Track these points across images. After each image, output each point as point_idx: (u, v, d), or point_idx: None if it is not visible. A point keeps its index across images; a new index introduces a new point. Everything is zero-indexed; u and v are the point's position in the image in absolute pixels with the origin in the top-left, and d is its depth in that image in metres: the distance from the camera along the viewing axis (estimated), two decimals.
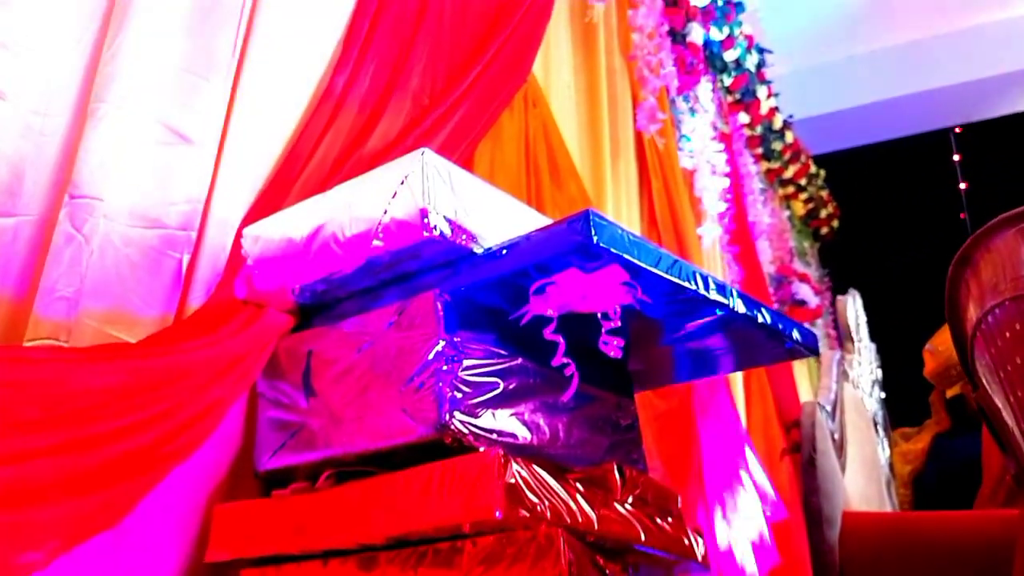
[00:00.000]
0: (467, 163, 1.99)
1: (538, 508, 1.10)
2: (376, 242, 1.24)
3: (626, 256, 1.17)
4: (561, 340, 1.22)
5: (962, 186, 6.43)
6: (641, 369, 1.77)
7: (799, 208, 6.13)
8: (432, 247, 1.22)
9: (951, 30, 5.68)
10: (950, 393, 3.18)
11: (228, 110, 1.37)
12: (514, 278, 1.23)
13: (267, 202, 1.45)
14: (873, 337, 3.65)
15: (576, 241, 1.13)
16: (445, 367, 1.19)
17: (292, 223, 1.35)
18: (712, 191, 3.83)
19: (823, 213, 6.43)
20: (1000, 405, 1.29)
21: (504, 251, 1.21)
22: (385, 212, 1.23)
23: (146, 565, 1.19)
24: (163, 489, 1.17)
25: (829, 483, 1.75)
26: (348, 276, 1.30)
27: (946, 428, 3.12)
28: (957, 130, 6.46)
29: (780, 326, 1.58)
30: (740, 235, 4.28)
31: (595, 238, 1.12)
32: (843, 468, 1.94)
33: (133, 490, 1.06)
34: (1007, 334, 1.17)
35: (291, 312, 1.40)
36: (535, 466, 1.14)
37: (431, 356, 1.20)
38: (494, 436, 1.21)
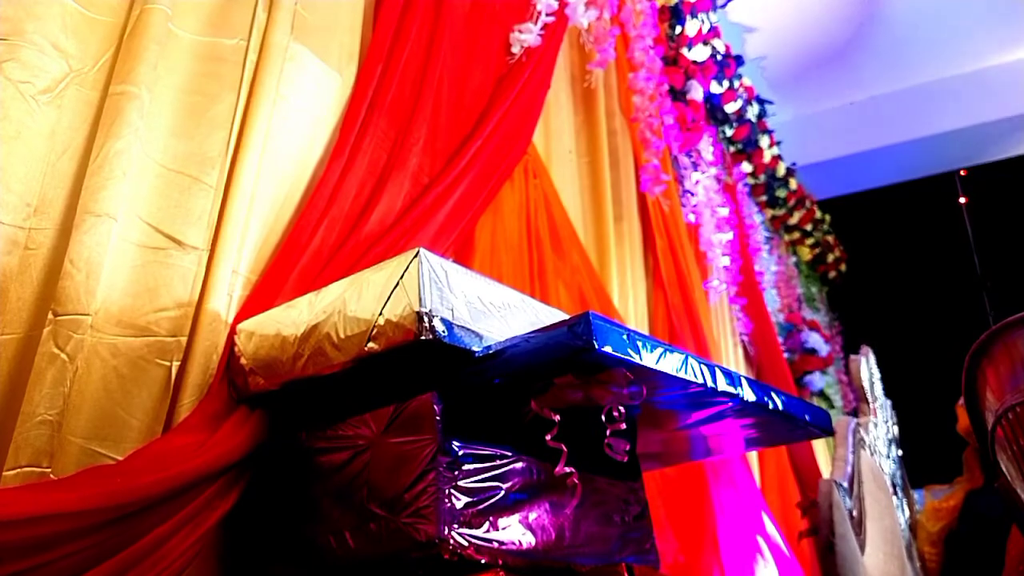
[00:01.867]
0: (468, 238, 1.97)
1: None
2: (371, 344, 1.20)
3: (630, 359, 1.13)
4: (564, 448, 1.17)
5: (968, 229, 6.39)
6: (651, 452, 1.72)
7: (806, 254, 6.09)
8: (428, 348, 1.19)
9: (954, 74, 5.69)
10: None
11: (221, 207, 1.35)
12: (514, 378, 1.19)
13: (262, 296, 1.42)
14: (887, 383, 3.57)
15: (576, 344, 1.09)
16: (443, 477, 1.15)
17: (285, 321, 1.31)
18: (717, 245, 3.80)
19: (830, 257, 6.39)
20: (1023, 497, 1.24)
21: (503, 352, 1.17)
22: (380, 314, 1.19)
23: None
24: None
25: (849, 570, 1.68)
26: (342, 375, 1.26)
27: (979, 485, 3.02)
28: (962, 173, 6.44)
29: (792, 411, 1.54)
30: (747, 287, 4.25)
31: (596, 342, 1.08)
32: (863, 547, 1.87)
33: None
34: None
35: (285, 408, 1.36)
36: None
37: (428, 465, 1.15)
38: (495, 546, 1.16)
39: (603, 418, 1.21)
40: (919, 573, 2.77)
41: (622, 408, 1.20)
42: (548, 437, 1.18)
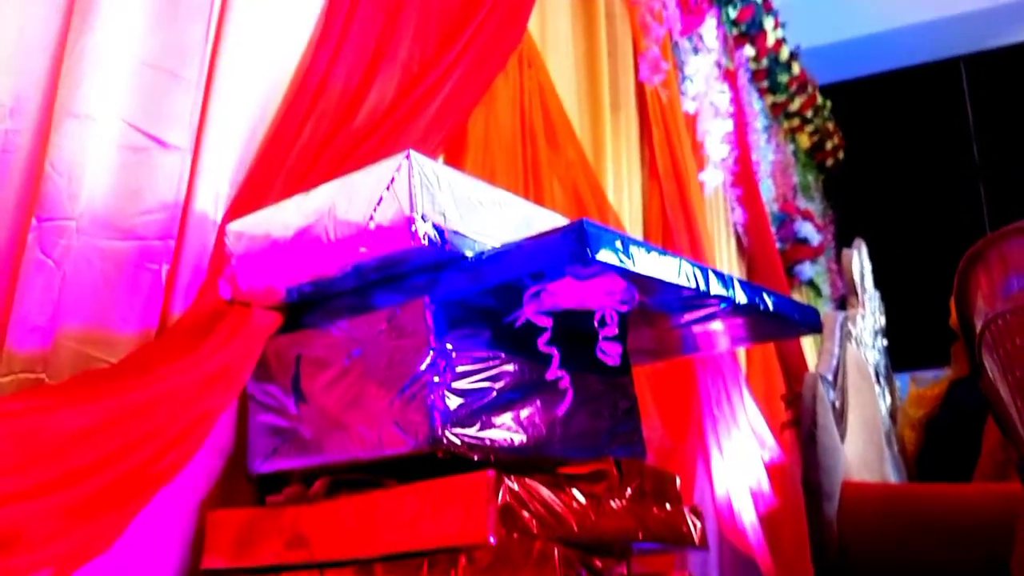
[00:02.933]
0: (460, 131, 1.92)
1: (533, 525, 1.09)
2: (362, 248, 1.19)
3: (624, 266, 1.12)
4: (556, 352, 1.18)
5: (970, 117, 6.28)
6: (642, 348, 1.74)
7: (804, 141, 5.99)
8: (420, 254, 1.18)
9: None
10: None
11: (204, 103, 1.30)
12: (507, 283, 1.19)
13: (251, 194, 1.39)
14: (878, 271, 3.60)
15: (570, 252, 1.08)
16: (436, 378, 1.16)
17: (276, 222, 1.29)
18: (715, 134, 3.73)
19: (828, 145, 6.29)
20: (1005, 401, 1.27)
21: (495, 259, 1.16)
22: (371, 219, 1.18)
23: (141, 572, 1.19)
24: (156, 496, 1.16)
25: (829, 458, 1.75)
26: (336, 279, 1.26)
27: (964, 374, 3.10)
28: (966, 59, 6.26)
29: (783, 311, 1.55)
30: (744, 177, 4.20)
31: (589, 251, 1.07)
32: (843, 436, 1.93)
33: (123, 515, 1.05)
34: (1017, 341, 1.14)
35: (278, 309, 1.36)
36: (528, 480, 1.12)
37: (422, 368, 1.17)
38: (488, 443, 1.19)
39: (595, 323, 1.21)
40: (897, 458, 2.88)
41: (614, 313, 1.21)
42: (541, 342, 1.19)
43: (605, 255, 1.09)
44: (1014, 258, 1.12)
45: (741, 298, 1.41)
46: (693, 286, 1.28)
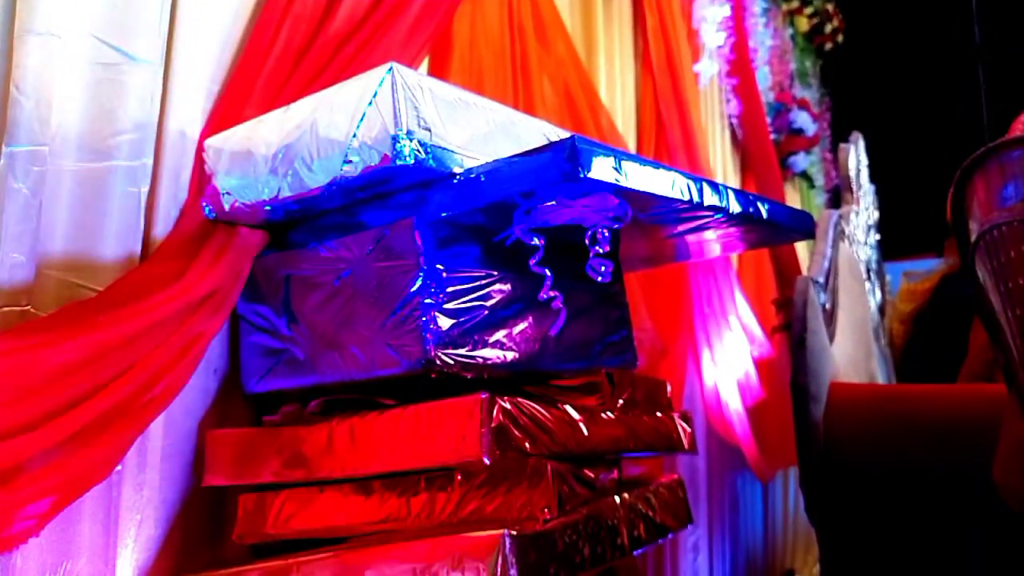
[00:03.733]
0: (445, 32, 1.84)
1: (526, 443, 1.10)
2: (346, 166, 1.15)
3: (617, 183, 1.09)
4: (548, 274, 1.17)
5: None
6: (635, 255, 1.73)
7: (803, 24, 5.79)
8: (406, 172, 1.14)
9: None
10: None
11: (172, 11, 1.23)
12: (497, 201, 1.16)
13: (228, 107, 1.34)
14: (874, 158, 3.55)
15: (561, 171, 1.05)
16: (427, 300, 1.15)
17: (256, 139, 1.25)
18: (711, 21, 3.59)
19: (828, 28, 6.08)
20: (996, 310, 1.27)
21: (483, 177, 1.13)
22: (354, 136, 1.13)
23: (144, 492, 1.21)
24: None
25: (817, 361, 1.77)
26: (320, 197, 1.23)
27: (956, 269, 3.11)
28: None
29: (777, 218, 1.53)
30: (740, 65, 4.07)
31: (581, 169, 1.04)
32: (832, 337, 1.95)
33: (121, 442, 1.06)
34: (1011, 253, 1.13)
35: (264, 227, 1.33)
36: (521, 399, 1.14)
37: (412, 289, 1.16)
38: (480, 362, 1.20)
39: (587, 241, 1.19)
40: (884, 351, 2.93)
41: (606, 231, 1.19)
42: (532, 262, 1.17)
43: (597, 172, 1.06)
44: (1012, 169, 1.09)
45: (735, 208, 1.39)
46: (687, 199, 1.25)
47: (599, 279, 1.20)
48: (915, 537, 1.65)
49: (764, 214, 1.47)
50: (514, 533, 1.03)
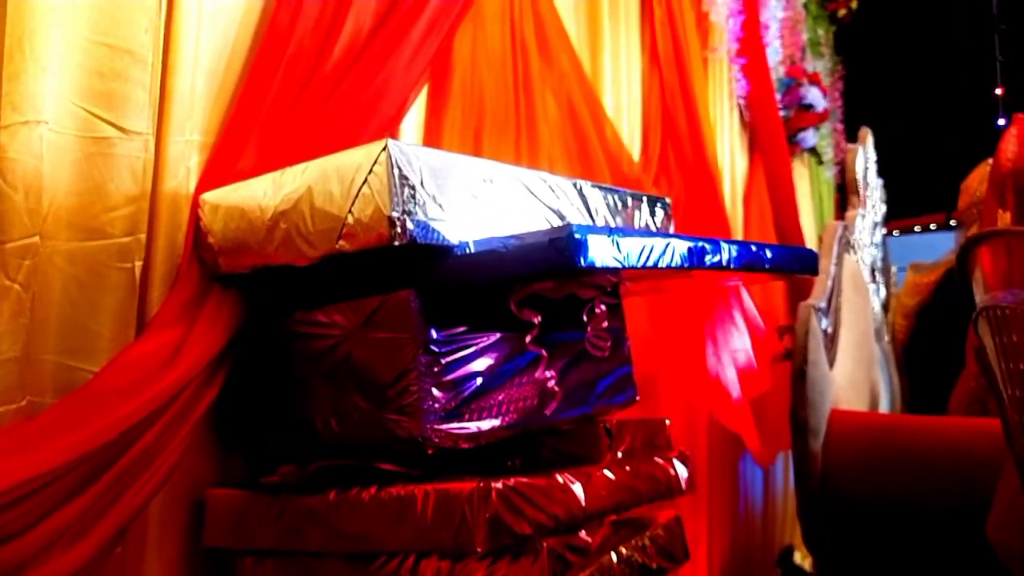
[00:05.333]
0: (445, 54, 1.79)
1: (520, 529, 1.11)
2: (341, 242, 1.14)
3: (615, 265, 1.08)
4: (544, 353, 1.16)
5: None
6: (634, 290, 1.72)
7: None
8: (401, 249, 1.12)
9: None
10: (969, 232, 3.12)
11: (163, 71, 1.20)
12: (492, 280, 1.15)
13: (223, 158, 1.31)
14: (884, 118, 3.49)
15: (557, 263, 1.04)
16: (423, 375, 1.15)
17: (252, 201, 1.23)
18: (722, 4, 3.50)
19: None
20: (997, 379, 1.27)
21: (480, 256, 1.11)
22: (349, 212, 1.12)
23: (147, 553, 1.22)
24: None
25: (817, 393, 1.77)
26: (316, 265, 1.21)
27: None
28: None
29: (781, 264, 1.52)
30: (749, 43, 3.98)
31: (578, 260, 1.02)
32: (833, 361, 1.95)
33: (120, 526, 1.07)
34: (1014, 337, 1.12)
35: (260, 282, 1.32)
36: (516, 479, 1.14)
37: (408, 365, 1.15)
38: (477, 431, 1.20)
39: (584, 318, 1.18)
40: (886, 348, 2.92)
41: (603, 307, 1.17)
42: (528, 340, 1.17)
43: (594, 259, 1.05)
44: (1019, 256, 1.08)
45: (737, 262, 1.37)
46: (688, 265, 1.24)
47: (598, 355, 1.20)
48: (910, 569, 1.67)
49: (767, 264, 1.46)
50: None
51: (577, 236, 1.02)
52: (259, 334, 1.31)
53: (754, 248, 1.45)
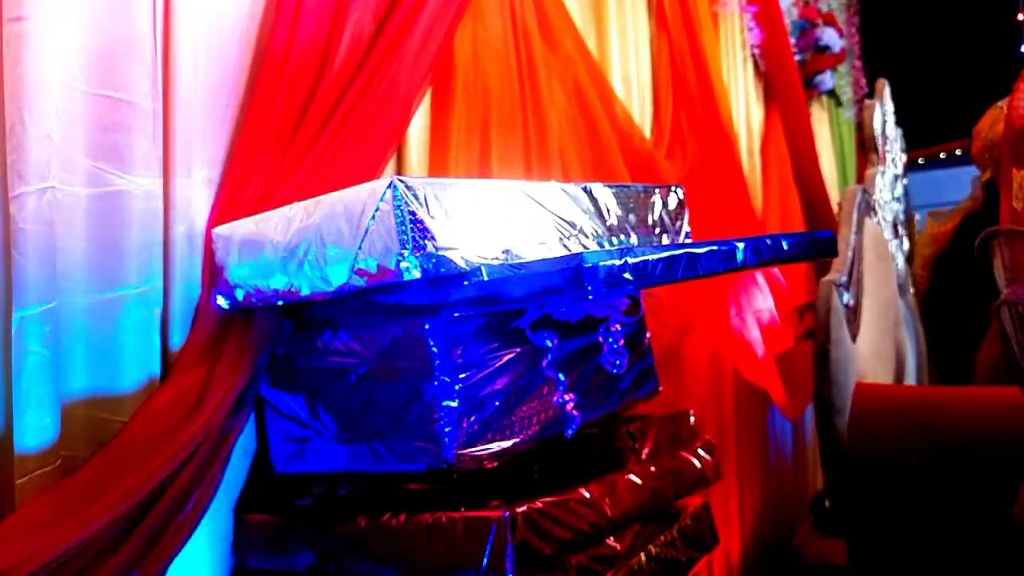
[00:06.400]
0: (447, 53, 1.77)
1: (547, 550, 1.14)
2: (354, 276, 1.15)
3: (627, 286, 1.08)
4: (560, 377, 1.17)
5: None
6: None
7: None
8: (414, 282, 1.13)
9: None
10: (984, 177, 3.06)
11: (165, 114, 1.20)
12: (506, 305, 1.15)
13: (231, 192, 1.32)
14: (903, 58, 3.40)
15: (568, 291, 1.03)
16: (444, 402, 1.16)
17: (263, 234, 1.24)
18: None
19: None
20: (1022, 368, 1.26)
21: (491, 284, 1.12)
22: (359, 249, 1.12)
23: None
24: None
25: (841, 371, 1.76)
26: (331, 298, 1.22)
27: (978, 207, 3.02)
28: None
29: (798, 251, 1.50)
30: None
31: (589, 289, 1.02)
32: (856, 334, 1.94)
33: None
34: None
35: (279, 309, 1.34)
36: (540, 502, 1.16)
37: (429, 393, 1.17)
38: (498, 449, 1.21)
39: (600, 338, 1.19)
40: (911, 304, 2.89)
41: (619, 325, 1.18)
42: (545, 364, 1.17)
43: (606, 284, 1.04)
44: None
45: (752, 260, 1.36)
46: (703, 273, 1.23)
47: (615, 371, 1.20)
48: (938, 542, 1.69)
49: (784, 255, 1.44)
50: None
51: (585, 265, 1.02)
52: (281, 361, 1.33)
53: (769, 241, 1.43)
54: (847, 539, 1.80)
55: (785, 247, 1.45)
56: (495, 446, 1.21)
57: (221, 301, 1.29)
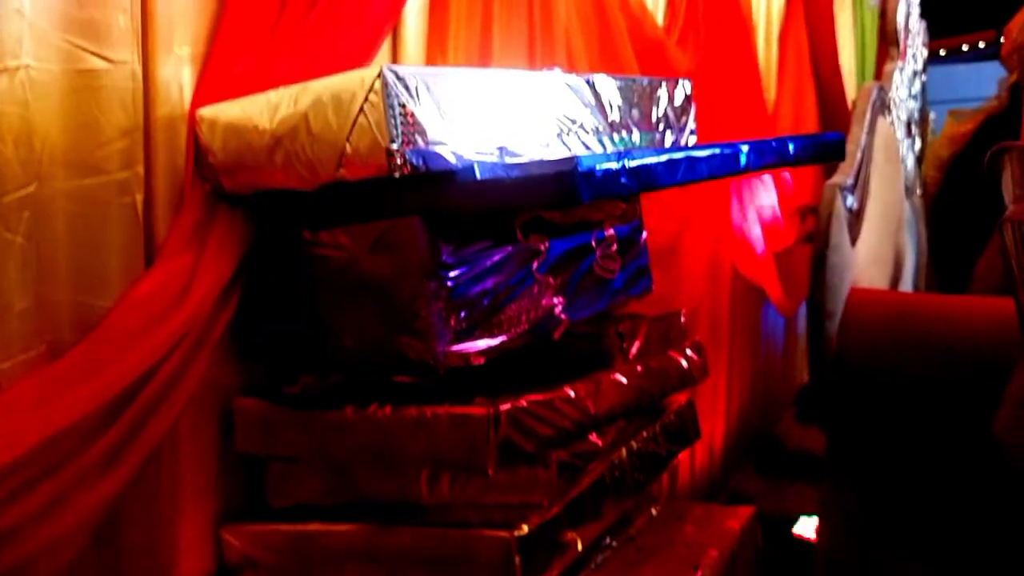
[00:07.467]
0: None
1: (530, 447, 1.16)
2: (341, 171, 1.11)
3: (623, 190, 1.05)
4: (552, 281, 1.15)
5: None
6: None
7: None
8: (404, 177, 1.09)
9: None
10: (1011, 80, 2.93)
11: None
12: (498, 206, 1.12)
13: (216, 68, 1.26)
14: None
15: (563, 196, 1.00)
16: (432, 300, 1.16)
17: (249, 123, 1.19)
18: None
19: None
20: (1018, 283, 1.24)
21: (484, 184, 1.08)
22: (347, 141, 1.08)
23: (181, 456, 1.30)
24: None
25: (836, 277, 1.75)
26: (319, 191, 1.19)
27: (1001, 109, 2.92)
28: None
29: (805, 154, 1.46)
30: None
31: (583, 196, 0.99)
32: (856, 238, 1.91)
33: (148, 453, 1.13)
34: None
35: (266, 199, 1.31)
36: (525, 399, 1.17)
37: (417, 291, 1.15)
38: (486, 347, 1.21)
39: (593, 242, 1.16)
40: (916, 205, 2.85)
41: (612, 230, 1.15)
42: (535, 267, 1.15)
43: (603, 190, 1.01)
44: None
45: (756, 162, 1.32)
46: (705, 176, 1.20)
47: (608, 276, 1.19)
48: (917, 451, 1.73)
49: (790, 159, 1.40)
50: (520, 534, 1.11)
51: (583, 170, 0.98)
52: (269, 251, 1.31)
53: (775, 144, 1.39)
54: (826, 431, 1.85)
55: (791, 150, 1.40)
56: (483, 344, 1.21)
57: (207, 188, 1.26)
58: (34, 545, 0.97)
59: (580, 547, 1.28)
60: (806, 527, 2.40)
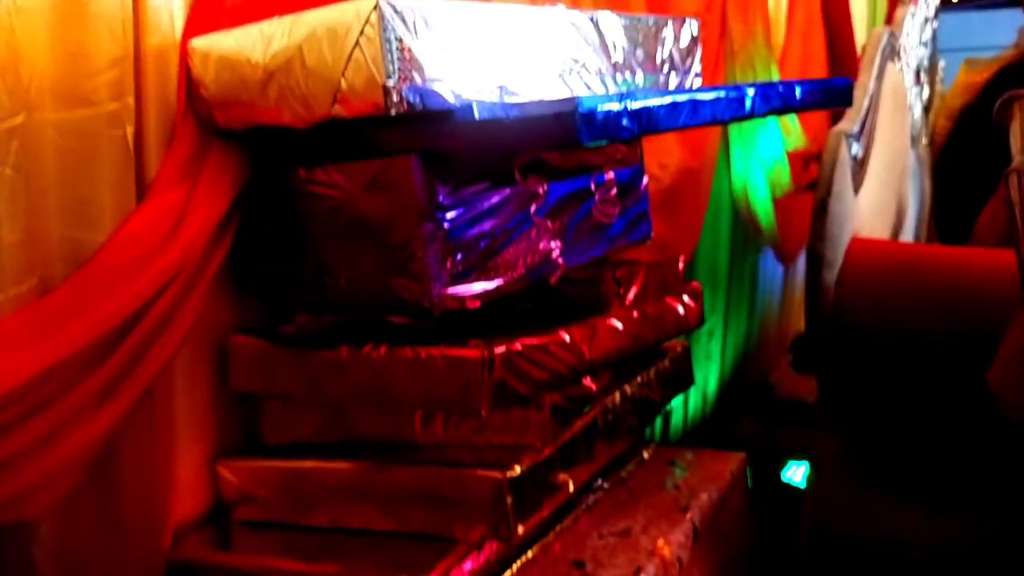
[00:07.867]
0: None
1: (524, 390, 1.16)
2: (336, 107, 1.09)
3: (624, 134, 1.02)
4: (549, 224, 1.13)
5: None
6: None
7: None
8: (400, 115, 1.07)
9: None
10: None
11: None
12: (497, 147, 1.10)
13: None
14: None
15: (563, 140, 0.98)
16: (428, 241, 1.14)
17: (242, 55, 1.16)
18: None
19: None
20: (1019, 234, 1.23)
21: (483, 124, 1.06)
22: (342, 76, 1.05)
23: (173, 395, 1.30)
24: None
25: (837, 227, 1.74)
26: (313, 128, 1.16)
27: (1018, 59, 2.85)
28: None
29: (812, 99, 1.43)
30: None
31: (583, 138, 0.97)
32: (859, 186, 1.89)
33: (144, 388, 1.13)
34: None
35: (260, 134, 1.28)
36: (520, 342, 1.17)
37: (413, 232, 1.14)
38: (483, 290, 1.21)
39: (592, 186, 1.14)
40: (921, 155, 2.82)
41: (612, 174, 1.13)
42: (533, 211, 1.14)
43: (604, 134, 0.99)
44: None
45: (762, 108, 1.30)
46: (709, 120, 1.17)
47: (607, 220, 1.17)
48: (911, 403, 1.74)
49: (796, 104, 1.38)
50: (512, 474, 1.12)
51: (583, 111, 0.96)
52: (264, 187, 1.29)
53: (781, 88, 1.36)
54: (819, 380, 1.86)
55: (798, 95, 1.37)
56: (479, 287, 1.20)
57: (200, 121, 1.23)
58: (29, 477, 0.98)
59: (571, 488, 1.30)
60: (796, 472, 2.44)
